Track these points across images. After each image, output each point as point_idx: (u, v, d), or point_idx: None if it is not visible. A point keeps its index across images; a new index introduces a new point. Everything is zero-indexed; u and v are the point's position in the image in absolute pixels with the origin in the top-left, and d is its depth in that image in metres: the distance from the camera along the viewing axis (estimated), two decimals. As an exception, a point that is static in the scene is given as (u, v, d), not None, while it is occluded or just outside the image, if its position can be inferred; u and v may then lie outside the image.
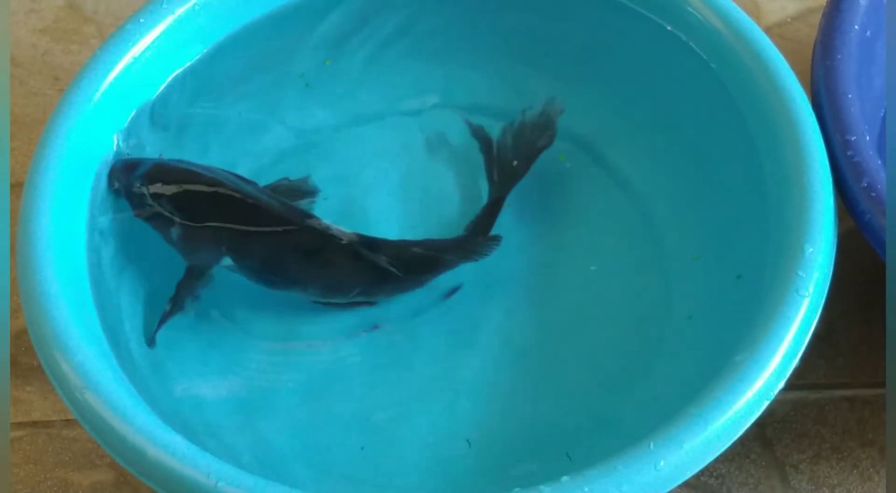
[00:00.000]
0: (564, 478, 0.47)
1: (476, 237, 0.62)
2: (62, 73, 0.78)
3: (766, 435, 0.62)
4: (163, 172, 0.61)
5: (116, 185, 0.61)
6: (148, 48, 0.62)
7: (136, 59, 0.62)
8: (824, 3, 0.63)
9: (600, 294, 0.63)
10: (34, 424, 0.63)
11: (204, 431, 0.56)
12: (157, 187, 0.60)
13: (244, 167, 0.65)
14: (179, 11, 0.63)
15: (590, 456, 0.49)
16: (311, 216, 0.61)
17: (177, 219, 0.60)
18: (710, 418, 0.49)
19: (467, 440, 0.58)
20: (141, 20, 0.63)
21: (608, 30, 0.67)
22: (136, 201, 0.61)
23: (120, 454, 0.49)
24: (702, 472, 0.49)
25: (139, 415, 0.49)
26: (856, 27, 0.61)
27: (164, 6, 0.63)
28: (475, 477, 0.57)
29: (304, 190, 0.63)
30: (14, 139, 0.74)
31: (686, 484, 0.49)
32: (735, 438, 0.50)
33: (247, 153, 0.67)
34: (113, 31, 0.62)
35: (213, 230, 0.60)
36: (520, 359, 0.61)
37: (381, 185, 0.67)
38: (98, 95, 0.60)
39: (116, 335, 0.56)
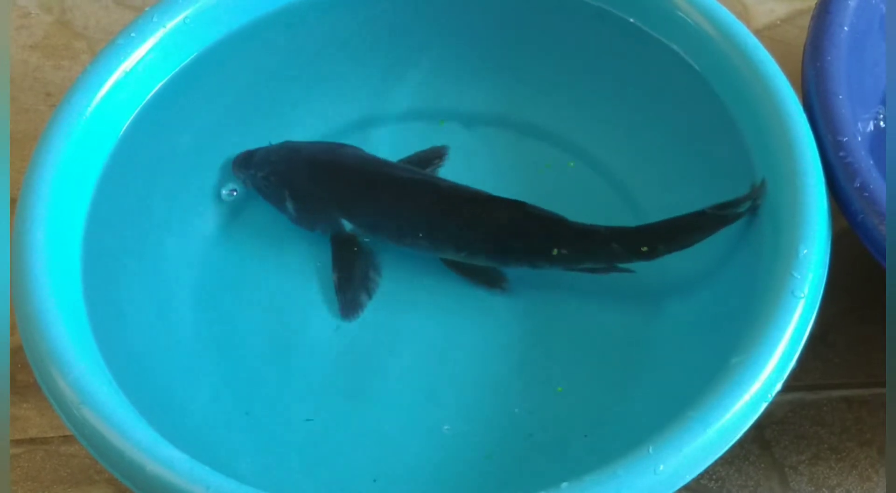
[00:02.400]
0: (564, 484, 0.47)
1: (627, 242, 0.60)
2: (53, 89, 0.78)
3: (764, 437, 0.62)
4: (272, 154, 0.65)
5: (242, 176, 0.65)
6: (139, 62, 0.62)
7: (127, 74, 0.62)
8: (813, 6, 0.63)
9: (593, 299, 0.62)
10: (31, 441, 0.63)
11: (202, 445, 0.55)
12: (270, 168, 0.64)
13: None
14: (170, 25, 0.64)
15: (588, 459, 0.49)
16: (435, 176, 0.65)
17: (291, 192, 0.64)
18: (708, 421, 0.49)
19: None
20: (132, 34, 0.63)
21: (597, 38, 0.68)
22: (258, 187, 0.65)
23: (118, 469, 0.49)
24: (701, 475, 0.49)
25: (137, 430, 0.49)
26: (845, 28, 0.61)
27: (155, 20, 0.63)
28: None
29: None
30: (6, 156, 0.74)
31: (686, 488, 0.49)
32: (734, 441, 0.50)
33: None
34: (103, 46, 0.63)
35: (329, 197, 0.64)
36: (516, 362, 0.61)
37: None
38: (90, 109, 0.60)
39: (112, 351, 0.55)
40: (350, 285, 0.63)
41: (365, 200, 0.64)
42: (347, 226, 0.63)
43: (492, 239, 0.62)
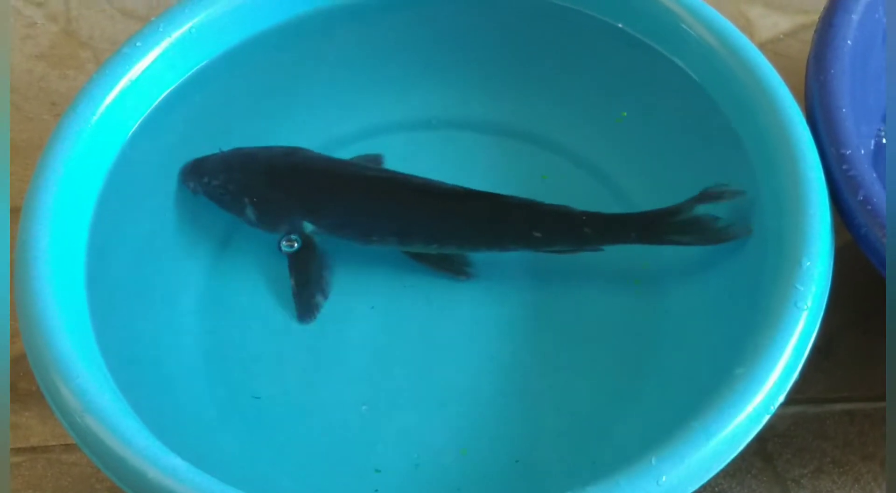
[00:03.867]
0: (566, 494, 0.47)
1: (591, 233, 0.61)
2: (58, 99, 0.79)
3: (766, 450, 0.62)
4: (226, 160, 0.64)
5: (192, 185, 0.64)
6: (145, 72, 0.63)
7: (132, 83, 0.62)
8: (816, 20, 0.64)
9: (597, 309, 0.62)
10: (33, 449, 0.63)
11: (205, 453, 0.55)
12: (226, 175, 0.64)
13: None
14: (175, 35, 0.64)
15: (591, 470, 0.49)
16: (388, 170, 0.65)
17: (250, 198, 0.63)
18: (711, 432, 0.49)
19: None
20: (137, 44, 0.63)
21: (602, 51, 0.68)
22: (212, 194, 0.64)
23: (120, 477, 0.49)
24: (703, 488, 0.49)
25: (139, 438, 0.49)
26: (848, 42, 0.61)
27: (161, 30, 0.64)
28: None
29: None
30: (11, 164, 0.74)
31: (688, 501, 0.49)
32: (737, 452, 0.50)
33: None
34: (109, 56, 0.63)
35: (288, 198, 0.63)
36: (515, 373, 0.61)
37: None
38: (95, 117, 0.60)
39: (115, 359, 0.56)
40: (306, 288, 0.63)
41: (330, 201, 0.64)
42: (308, 228, 0.63)
43: (465, 228, 0.62)
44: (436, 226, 0.63)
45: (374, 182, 0.64)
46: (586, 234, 0.61)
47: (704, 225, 0.59)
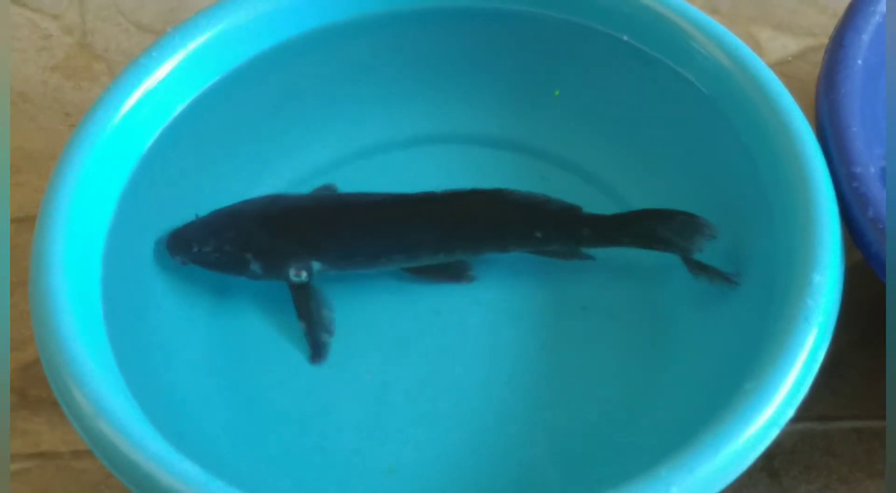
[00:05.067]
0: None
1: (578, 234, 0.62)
2: (73, 110, 0.79)
3: (773, 466, 0.62)
4: (209, 224, 0.63)
5: (180, 259, 0.62)
6: (161, 82, 0.63)
7: (149, 92, 0.62)
8: (825, 42, 0.64)
9: (601, 325, 0.63)
10: (42, 455, 0.63)
11: (216, 459, 0.55)
12: (217, 238, 0.62)
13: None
14: (192, 46, 0.64)
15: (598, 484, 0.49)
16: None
17: (252, 253, 0.62)
18: (721, 444, 0.49)
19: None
20: (154, 54, 0.64)
21: (613, 68, 0.68)
22: (207, 262, 0.63)
23: (133, 481, 0.49)
24: (711, 503, 0.49)
25: (152, 442, 0.49)
26: (859, 62, 0.61)
27: (177, 40, 0.64)
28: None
29: None
30: (24, 173, 0.75)
31: (694, 516, 0.49)
32: (746, 465, 0.50)
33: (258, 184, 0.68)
34: (126, 65, 0.63)
35: (290, 242, 0.62)
36: (518, 388, 0.61)
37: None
38: (112, 126, 0.60)
39: (129, 364, 0.56)
40: (312, 329, 0.63)
41: (331, 235, 0.63)
42: (316, 266, 0.63)
43: (471, 233, 0.63)
44: (441, 234, 0.63)
45: (367, 207, 0.63)
46: (584, 234, 0.62)
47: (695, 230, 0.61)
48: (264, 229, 0.63)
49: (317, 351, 0.62)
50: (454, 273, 0.64)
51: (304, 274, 0.62)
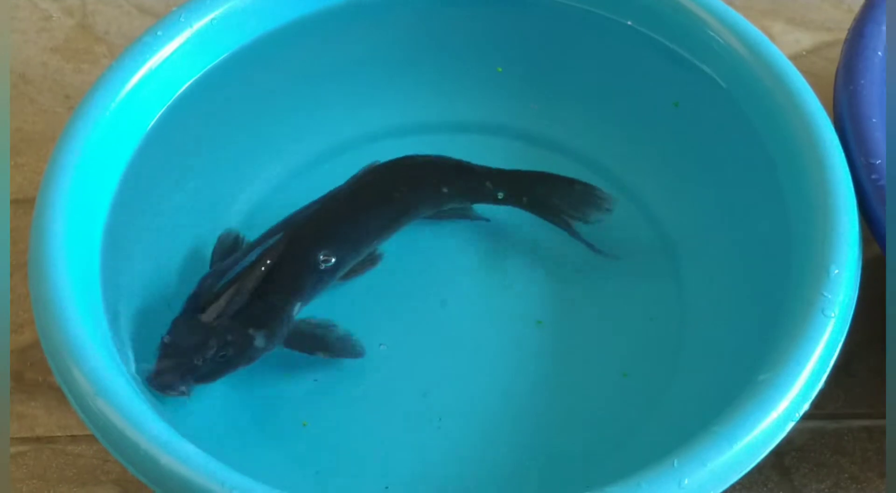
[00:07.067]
0: (586, 494, 0.46)
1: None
2: (72, 92, 0.78)
3: (784, 464, 0.61)
4: (190, 333, 0.57)
5: (183, 389, 0.55)
6: (165, 61, 0.62)
7: (152, 72, 0.61)
8: (840, 37, 0.64)
9: (619, 316, 0.62)
10: (38, 439, 0.62)
11: (216, 442, 0.54)
12: (212, 345, 0.56)
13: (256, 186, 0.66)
14: (197, 25, 0.63)
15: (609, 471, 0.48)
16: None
17: (254, 330, 0.57)
18: (734, 436, 0.48)
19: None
20: (158, 33, 0.62)
21: (628, 60, 0.67)
22: (215, 372, 0.56)
23: (131, 462, 0.48)
24: (719, 500, 0.48)
25: (152, 422, 0.48)
26: (879, 53, 0.61)
27: (182, 20, 0.63)
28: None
29: None
30: (23, 155, 0.73)
31: (704, 512, 0.48)
32: (759, 458, 0.49)
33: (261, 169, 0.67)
34: (129, 44, 0.62)
35: (287, 300, 0.59)
36: (537, 379, 0.60)
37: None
38: (114, 105, 0.60)
39: (128, 345, 0.55)
40: (330, 343, 0.59)
41: (310, 268, 0.60)
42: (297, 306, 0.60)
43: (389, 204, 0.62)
44: (396, 210, 0.62)
45: (320, 222, 0.61)
46: (487, 188, 0.63)
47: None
48: (250, 310, 0.57)
49: (350, 351, 0.59)
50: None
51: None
